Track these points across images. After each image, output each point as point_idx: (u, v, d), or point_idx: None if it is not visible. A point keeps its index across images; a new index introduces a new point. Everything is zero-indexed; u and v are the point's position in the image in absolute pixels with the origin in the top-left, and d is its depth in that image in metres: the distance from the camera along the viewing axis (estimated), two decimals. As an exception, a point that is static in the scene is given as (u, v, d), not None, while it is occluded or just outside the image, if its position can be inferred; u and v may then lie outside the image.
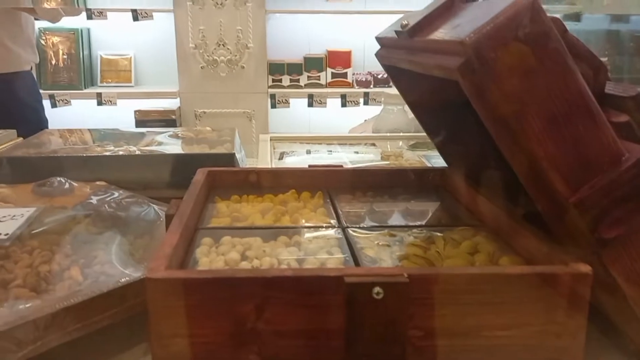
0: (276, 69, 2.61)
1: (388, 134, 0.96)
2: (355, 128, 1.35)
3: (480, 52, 0.37)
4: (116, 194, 0.65)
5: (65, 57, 2.71)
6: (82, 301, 0.44)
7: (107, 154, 0.77)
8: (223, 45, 2.54)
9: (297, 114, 2.71)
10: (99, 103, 2.68)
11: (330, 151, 1.10)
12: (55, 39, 2.70)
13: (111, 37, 2.80)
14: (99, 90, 2.70)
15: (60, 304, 0.43)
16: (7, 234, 0.53)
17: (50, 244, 0.53)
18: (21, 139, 0.96)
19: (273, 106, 2.61)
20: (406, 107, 0.99)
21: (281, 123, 2.66)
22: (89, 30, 2.79)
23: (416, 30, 0.48)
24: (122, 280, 0.46)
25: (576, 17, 2.46)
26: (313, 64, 2.61)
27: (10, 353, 0.40)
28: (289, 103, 2.59)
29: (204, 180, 0.62)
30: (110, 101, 2.69)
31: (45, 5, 2.30)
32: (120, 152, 0.77)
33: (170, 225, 0.47)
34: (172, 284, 0.38)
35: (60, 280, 0.47)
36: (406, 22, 0.48)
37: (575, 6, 2.50)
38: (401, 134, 0.95)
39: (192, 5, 2.49)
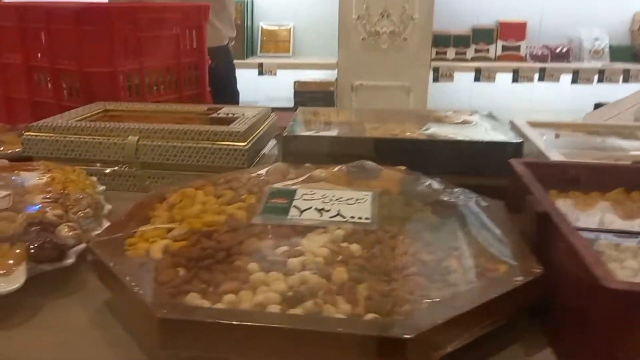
0: (441, 41, 2.54)
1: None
2: (591, 114, 1.27)
3: None
4: (427, 181, 0.65)
5: (231, 27, 2.83)
6: (496, 297, 0.44)
7: (388, 137, 0.78)
8: (387, 16, 2.51)
9: (459, 89, 2.63)
10: (260, 73, 2.78)
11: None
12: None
13: (273, 7, 2.88)
14: (260, 60, 2.80)
15: (477, 300, 0.43)
16: (368, 218, 0.55)
17: (407, 231, 0.54)
18: (274, 114, 1.00)
19: (435, 80, 2.55)
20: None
21: (440, 98, 2.60)
22: (252, 1, 2.88)
23: None
24: (519, 278, 0.46)
25: None
26: (482, 35, 2.50)
27: (444, 347, 0.41)
28: (452, 77, 2.52)
29: (529, 173, 0.61)
30: (271, 71, 2.78)
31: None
32: (400, 137, 0.78)
33: (565, 228, 0.46)
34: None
35: (448, 273, 0.48)
36: None
37: None
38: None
39: (357, -23, 2.48)
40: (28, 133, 0.82)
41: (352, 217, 0.55)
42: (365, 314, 0.42)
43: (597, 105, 1.84)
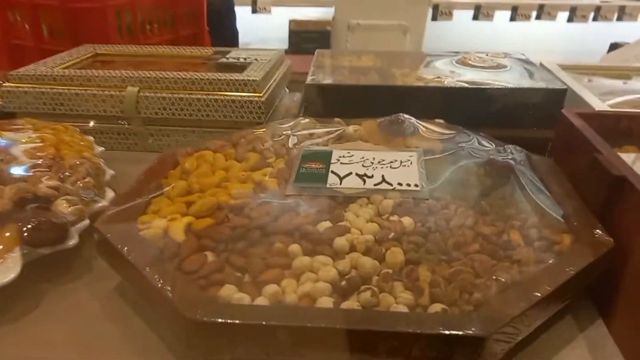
0: (445, -26, 2.38)
1: None
2: (610, 55, 1.18)
3: None
4: (472, 137, 0.57)
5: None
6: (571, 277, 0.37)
7: (422, 85, 0.69)
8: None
9: (457, 28, 2.49)
10: (254, 11, 2.62)
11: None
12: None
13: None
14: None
15: (552, 283, 0.37)
16: (417, 184, 0.48)
17: (460, 198, 0.47)
18: (286, 57, 0.91)
19: (434, 18, 2.41)
20: None
21: (437, 38, 2.45)
22: None
23: None
24: (591, 253, 0.39)
25: None
26: (488, -31, 2.35)
27: (516, 337, 0.35)
28: (451, 15, 2.38)
29: (588, 126, 0.53)
30: (265, 9, 2.62)
31: None
32: (436, 84, 0.69)
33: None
34: None
35: (512, 248, 0.41)
36: None
37: None
38: None
39: None
40: (7, 84, 0.72)
41: (400, 184, 0.48)
42: (430, 304, 0.36)
43: (613, 46, 1.75)
